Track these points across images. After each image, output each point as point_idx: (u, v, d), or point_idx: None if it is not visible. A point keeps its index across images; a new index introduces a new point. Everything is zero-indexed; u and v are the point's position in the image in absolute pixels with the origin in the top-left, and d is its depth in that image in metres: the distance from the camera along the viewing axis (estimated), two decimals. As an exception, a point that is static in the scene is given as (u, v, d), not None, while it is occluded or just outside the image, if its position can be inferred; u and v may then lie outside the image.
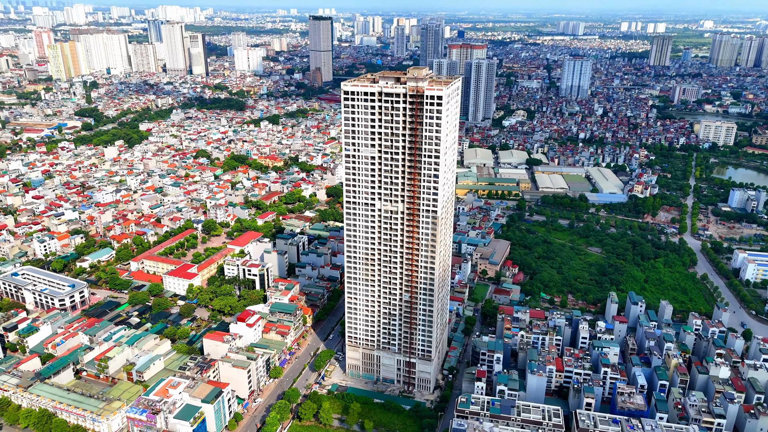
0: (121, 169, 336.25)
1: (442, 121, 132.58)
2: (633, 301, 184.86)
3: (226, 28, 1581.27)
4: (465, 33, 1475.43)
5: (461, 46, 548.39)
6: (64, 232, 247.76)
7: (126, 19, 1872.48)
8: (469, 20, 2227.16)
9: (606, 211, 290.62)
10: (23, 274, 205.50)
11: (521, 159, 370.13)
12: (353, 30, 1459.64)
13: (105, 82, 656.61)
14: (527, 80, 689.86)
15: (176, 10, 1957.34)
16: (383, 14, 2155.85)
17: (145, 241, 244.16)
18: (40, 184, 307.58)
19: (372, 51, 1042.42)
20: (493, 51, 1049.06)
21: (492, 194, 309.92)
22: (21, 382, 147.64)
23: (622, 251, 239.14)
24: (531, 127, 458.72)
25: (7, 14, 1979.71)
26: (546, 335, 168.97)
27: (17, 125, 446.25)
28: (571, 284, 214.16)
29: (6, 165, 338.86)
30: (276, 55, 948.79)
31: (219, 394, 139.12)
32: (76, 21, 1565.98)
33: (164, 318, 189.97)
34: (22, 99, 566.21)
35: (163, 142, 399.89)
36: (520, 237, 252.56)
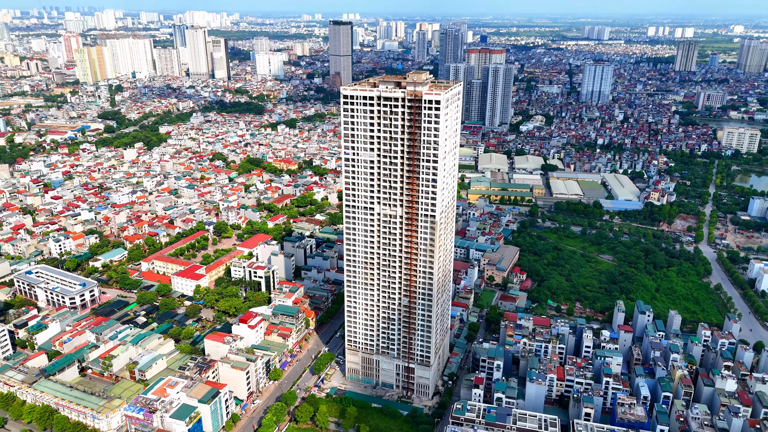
0: (138, 171, 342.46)
1: (440, 125, 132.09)
2: (640, 311, 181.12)
3: (251, 33, 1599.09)
4: (488, 38, 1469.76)
5: (480, 50, 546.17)
6: (80, 232, 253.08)
7: (154, 24, 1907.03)
8: (493, 25, 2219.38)
9: (620, 219, 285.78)
10: (37, 273, 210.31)
11: (537, 164, 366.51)
12: (376, 35, 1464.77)
13: (129, 85, 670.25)
14: (548, 85, 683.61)
15: (203, 15, 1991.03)
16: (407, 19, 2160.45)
17: (157, 241, 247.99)
18: (60, 185, 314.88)
19: (393, 55, 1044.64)
20: (515, 56, 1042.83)
21: (505, 200, 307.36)
22: (26, 378, 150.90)
23: (634, 259, 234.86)
24: (548, 132, 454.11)
25: (41, 19, 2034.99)
26: (549, 343, 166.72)
27: (42, 127, 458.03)
28: (580, 292, 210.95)
29: (28, 166, 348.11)
30: (298, 59, 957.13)
31: (216, 394, 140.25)
32: (106, 26, 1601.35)
33: (170, 318, 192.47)
34: (49, 102, 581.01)
35: (181, 144, 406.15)
36: (530, 243, 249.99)
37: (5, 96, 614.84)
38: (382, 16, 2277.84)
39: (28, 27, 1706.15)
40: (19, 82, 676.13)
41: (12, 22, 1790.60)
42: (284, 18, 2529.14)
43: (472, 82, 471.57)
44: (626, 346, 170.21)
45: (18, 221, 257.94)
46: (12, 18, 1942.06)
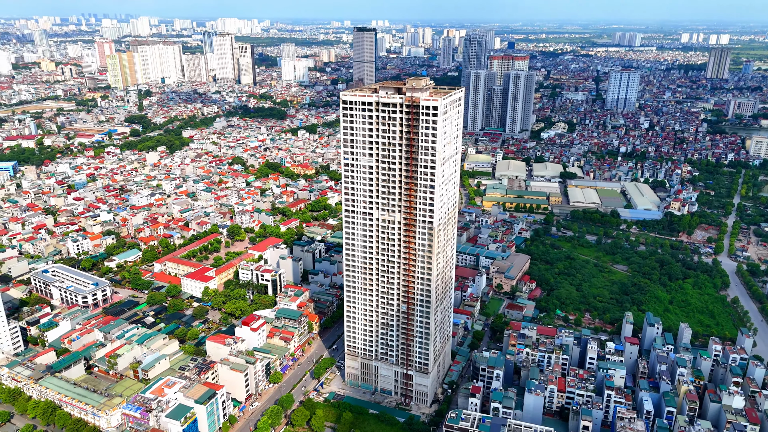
0: (159, 173, 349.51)
1: (437, 131, 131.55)
2: (649, 323, 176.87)
3: (280, 39, 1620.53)
4: (516, 44, 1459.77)
5: (503, 57, 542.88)
6: (98, 232, 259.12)
7: (187, 31, 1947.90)
8: (522, 31, 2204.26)
9: (638, 228, 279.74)
10: (53, 272, 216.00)
11: (555, 172, 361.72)
12: (403, 41, 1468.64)
13: (158, 90, 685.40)
14: (573, 92, 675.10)
15: (234, 22, 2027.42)
16: (436, 26, 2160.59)
17: (171, 243, 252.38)
18: (83, 187, 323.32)
19: (419, 62, 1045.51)
20: (542, 62, 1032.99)
21: (520, 207, 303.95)
22: (33, 374, 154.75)
23: (648, 270, 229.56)
24: (570, 139, 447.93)
25: (79, 26, 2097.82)
26: (552, 354, 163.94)
27: (71, 130, 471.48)
28: (590, 302, 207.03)
29: (54, 168, 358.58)
30: (323, 65, 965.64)
31: (213, 395, 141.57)
32: (141, 33, 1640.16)
33: (178, 319, 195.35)
34: (80, 106, 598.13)
35: (202, 148, 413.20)
36: (542, 252, 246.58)
37: (39, 100, 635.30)
38: (410, 23, 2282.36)
39: (66, 33, 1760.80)
40: (53, 87, 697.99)
41: (51, 29, 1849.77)
42: (314, 25, 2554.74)
43: (492, 88, 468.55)
44: (632, 359, 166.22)
45: (40, 221, 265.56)
46: (52, 25, 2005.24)
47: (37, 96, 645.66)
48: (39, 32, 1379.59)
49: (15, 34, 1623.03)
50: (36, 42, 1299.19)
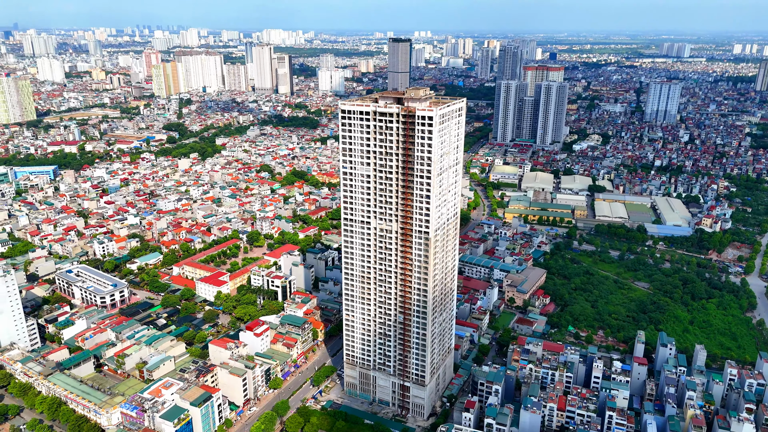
0: (189, 179, 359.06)
1: (433, 141, 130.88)
2: (662, 343, 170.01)
3: (322, 50, 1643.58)
4: (558, 55, 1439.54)
5: (537, 68, 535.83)
6: (124, 235, 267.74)
7: (234, 42, 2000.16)
8: (567, 42, 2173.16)
9: (665, 245, 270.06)
10: (76, 272, 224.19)
11: (583, 185, 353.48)
12: (443, 52, 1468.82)
13: (198, 99, 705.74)
14: (611, 104, 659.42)
15: (279, 33, 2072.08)
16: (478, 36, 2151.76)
17: (191, 247, 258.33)
18: (116, 191, 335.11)
19: (456, 72, 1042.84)
20: (583, 73, 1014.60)
21: (543, 220, 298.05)
22: (43, 371, 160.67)
23: (670, 288, 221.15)
24: (602, 152, 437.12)
25: (133, 37, 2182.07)
26: (556, 371, 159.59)
27: (112, 137, 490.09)
28: (604, 319, 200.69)
29: (92, 172, 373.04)
30: (361, 76, 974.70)
31: (208, 398, 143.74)
32: (190, 44, 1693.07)
33: (189, 322, 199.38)
34: (124, 113, 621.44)
35: (233, 156, 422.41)
36: (561, 266, 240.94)
37: (87, 107, 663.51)
38: (453, 34, 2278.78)
39: (120, 44, 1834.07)
40: (101, 95, 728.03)
41: (107, 40, 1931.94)
42: (357, 36, 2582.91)
43: (524, 99, 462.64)
44: (640, 380, 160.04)
45: (71, 223, 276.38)
46: (107, 36, 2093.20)
47: (85, 103, 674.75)
48: (93, 43, 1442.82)
49: (72, 44, 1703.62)
50: (90, 52, 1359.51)
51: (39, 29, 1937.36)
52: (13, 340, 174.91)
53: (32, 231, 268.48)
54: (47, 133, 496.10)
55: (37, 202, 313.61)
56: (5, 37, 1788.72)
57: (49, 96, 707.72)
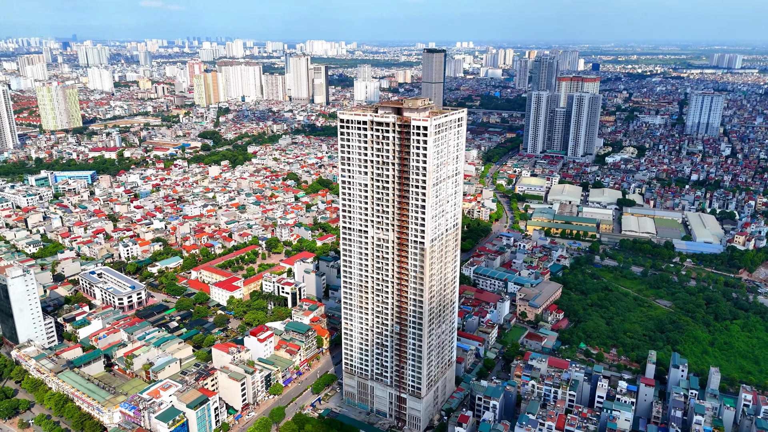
0: (217, 186, 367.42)
1: (428, 151, 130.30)
2: (674, 364, 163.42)
3: (363, 60, 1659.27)
4: (601, 66, 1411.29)
5: (571, 78, 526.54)
6: (148, 239, 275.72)
7: (278, 52, 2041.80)
8: (613, 53, 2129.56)
9: (694, 262, 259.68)
10: (99, 273, 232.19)
11: (612, 198, 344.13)
12: (482, 62, 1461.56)
13: (236, 108, 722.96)
14: (651, 116, 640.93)
15: (321, 44, 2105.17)
16: (521, 47, 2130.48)
17: (211, 252, 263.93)
18: (146, 196, 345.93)
19: (494, 83, 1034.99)
20: (625, 84, 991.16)
21: (566, 234, 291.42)
22: (54, 368, 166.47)
23: (692, 307, 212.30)
24: (636, 165, 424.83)
25: (182, 48, 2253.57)
26: (559, 388, 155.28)
27: (150, 144, 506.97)
28: (618, 337, 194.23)
29: (126, 178, 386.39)
30: (398, 86, 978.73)
31: (204, 401, 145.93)
32: (235, 54, 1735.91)
33: (200, 325, 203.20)
34: (165, 121, 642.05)
35: (263, 164, 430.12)
36: (579, 281, 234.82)
37: (131, 115, 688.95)
38: (495, 44, 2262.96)
39: (169, 55, 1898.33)
40: (145, 104, 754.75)
41: (157, 51, 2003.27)
42: (399, 47, 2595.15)
43: (555, 110, 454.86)
44: (647, 402, 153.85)
45: (100, 226, 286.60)
46: (158, 47, 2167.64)
47: (130, 111, 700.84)
48: (144, 53, 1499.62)
49: (125, 55, 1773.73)
50: (140, 63, 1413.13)
51: (95, 40, 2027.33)
52: (30, 337, 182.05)
53: (63, 233, 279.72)
54: (90, 140, 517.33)
55: (72, 205, 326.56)
56: (63, 48, 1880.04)
57: (97, 104, 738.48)
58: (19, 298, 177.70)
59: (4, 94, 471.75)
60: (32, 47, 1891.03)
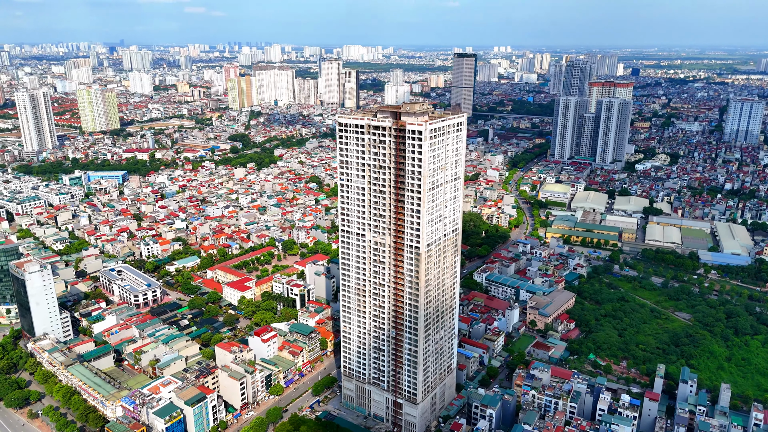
0: (240, 188, 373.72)
1: (423, 156, 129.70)
2: (683, 378, 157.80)
3: (399, 65, 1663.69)
4: (641, 70, 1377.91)
5: (603, 84, 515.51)
6: (169, 238, 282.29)
7: (314, 57, 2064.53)
8: (655, 57, 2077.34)
9: (719, 274, 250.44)
10: (118, 270, 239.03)
11: (638, 207, 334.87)
12: (518, 67, 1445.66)
13: (267, 112, 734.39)
14: (689, 122, 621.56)
15: (357, 49, 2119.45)
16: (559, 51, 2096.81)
17: (228, 252, 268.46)
18: (172, 196, 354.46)
19: (528, 88, 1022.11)
20: (665, 90, 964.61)
21: (587, 242, 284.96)
22: (64, 361, 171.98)
23: (712, 321, 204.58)
24: (667, 172, 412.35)
25: (223, 53, 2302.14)
26: (560, 399, 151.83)
27: (182, 146, 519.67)
28: (630, 349, 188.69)
29: (155, 178, 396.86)
30: (430, 90, 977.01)
31: (202, 399, 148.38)
32: (272, 59, 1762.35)
33: (210, 324, 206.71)
34: (198, 124, 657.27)
35: (288, 167, 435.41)
36: (595, 290, 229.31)
37: (167, 118, 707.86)
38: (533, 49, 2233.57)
39: (210, 59, 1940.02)
40: (181, 107, 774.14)
41: (199, 55, 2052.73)
42: (436, 51, 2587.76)
43: (584, 116, 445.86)
44: (651, 417, 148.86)
45: (124, 225, 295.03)
46: (200, 52, 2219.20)
47: (166, 114, 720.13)
48: (184, 58, 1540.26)
49: (167, 59, 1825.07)
50: (181, 67, 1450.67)
51: (140, 45, 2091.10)
52: (46, 331, 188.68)
53: (89, 231, 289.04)
54: (125, 141, 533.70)
55: (101, 204, 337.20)
56: (110, 53, 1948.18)
57: (136, 107, 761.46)
58: (36, 293, 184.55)
59: (45, 97, 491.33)
60: (81, 52, 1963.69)
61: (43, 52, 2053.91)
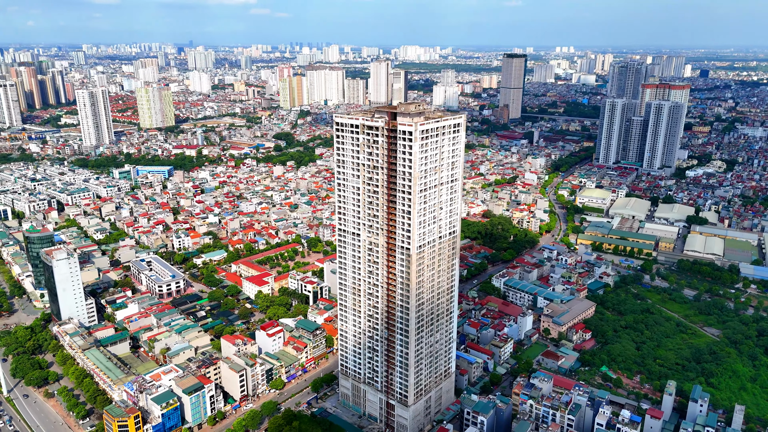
0: (277, 185, 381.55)
1: (413, 156, 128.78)
2: (693, 397, 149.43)
3: (455, 65, 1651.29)
4: (711, 72, 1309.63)
5: (657, 85, 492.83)
6: (202, 232, 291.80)
7: (371, 58, 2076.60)
8: (729, 58, 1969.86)
9: (759, 289, 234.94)
10: (147, 261, 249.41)
11: (682, 215, 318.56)
12: (577, 68, 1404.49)
13: (316, 111, 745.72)
14: (753, 127, 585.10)
15: (415, 49, 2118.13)
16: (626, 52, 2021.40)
17: (255, 248, 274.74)
18: (210, 192, 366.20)
19: (585, 89, 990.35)
20: (734, 93, 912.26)
21: (619, 250, 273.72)
22: (82, 345, 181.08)
23: (741, 338, 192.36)
24: (720, 180, 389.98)
25: (284, 53, 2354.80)
26: (557, 410, 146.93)
27: (228, 143, 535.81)
28: (646, 364, 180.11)
29: (197, 174, 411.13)
30: (482, 91, 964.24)
31: (200, 388, 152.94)
32: (330, 59, 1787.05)
33: (226, 317, 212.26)
34: (249, 122, 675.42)
35: (326, 165, 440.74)
36: (619, 301, 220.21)
37: (220, 116, 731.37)
38: (597, 49, 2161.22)
39: (270, 60, 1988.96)
40: (234, 105, 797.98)
41: (261, 56, 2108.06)
42: (495, 51, 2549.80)
43: (632, 119, 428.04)
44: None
45: (161, 218, 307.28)
46: (262, 52, 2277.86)
47: (219, 112, 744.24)
48: (245, 58, 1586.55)
49: (230, 59, 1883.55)
50: (241, 67, 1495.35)
51: (207, 46, 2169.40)
52: (71, 315, 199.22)
53: (128, 222, 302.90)
54: (176, 138, 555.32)
55: (144, 197, 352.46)
56: (178, 53, 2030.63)
57: (192, 105, 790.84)
58: (63, 279, 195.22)
59: (103, 95, 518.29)
60: (152, 52, 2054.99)
61: (117, 52, 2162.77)
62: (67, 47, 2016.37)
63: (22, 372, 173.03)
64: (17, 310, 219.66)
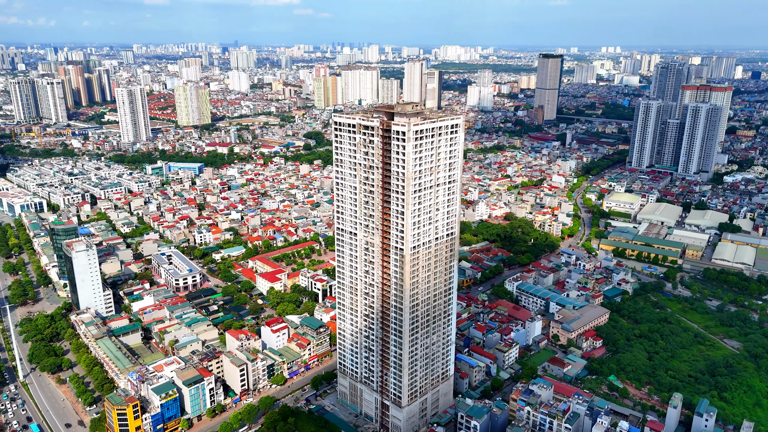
0: (302, 183, 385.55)
1: (407, 157, 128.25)
2: (698, 411, 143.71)
3: (494, 65, 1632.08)
4: (762, 74, 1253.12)
5: (698, 87, 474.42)
6: (223, 228, 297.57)
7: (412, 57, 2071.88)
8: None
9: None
10: (168, 255, 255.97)
11: (714, 222, 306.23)
12: (620, 68, 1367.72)
13: (349, 111, 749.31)
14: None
15: (455, 49, 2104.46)
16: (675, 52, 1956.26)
17: (273, 245, 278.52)
18: (237, 189, 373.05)
19: (627, 91, 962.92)
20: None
21: (643, 257, 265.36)
22: (95, 334, 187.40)
23: (761, 351, 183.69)
24: (759, 186, 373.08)
25: (324, 53, 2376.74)
26: (554, 419, 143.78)
27: (260, 141, 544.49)
28: (657, 375, 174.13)
29: (225, 171, 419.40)
30: (519, 92, 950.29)
31: (199, 380, 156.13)
32: (370, 59, 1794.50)
33: (237, 312, 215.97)
34: (282, 121, 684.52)
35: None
36: (636, 308, 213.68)
37: (255, 114, 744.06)
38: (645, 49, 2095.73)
39: (311, 59, 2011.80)
40: (270, 104, 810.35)
41: (302, 56, 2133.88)
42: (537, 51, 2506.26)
43: (667, 121, 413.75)
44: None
45: (185, 213, 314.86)
46: (303, 52, 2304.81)
47: (255, 111, 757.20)
48: (286, 58, 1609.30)
49: (272, 59, 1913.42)
50: (281, 66, 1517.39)
51: (251, 46, 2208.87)
52: (89, 305, 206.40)
53: (155, 217, 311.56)
54: (210, 135, 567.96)
55: (173, 193, 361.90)
56: (222, 53, 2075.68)
57: (230, 104, 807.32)
58: (82, 270, 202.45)
59: (141, 93, 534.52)
60: (198, 51, 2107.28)
61: (165, 52, 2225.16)
62: (119, 47, 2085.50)
63: (38, 358, 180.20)
64: (42, 298, 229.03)
